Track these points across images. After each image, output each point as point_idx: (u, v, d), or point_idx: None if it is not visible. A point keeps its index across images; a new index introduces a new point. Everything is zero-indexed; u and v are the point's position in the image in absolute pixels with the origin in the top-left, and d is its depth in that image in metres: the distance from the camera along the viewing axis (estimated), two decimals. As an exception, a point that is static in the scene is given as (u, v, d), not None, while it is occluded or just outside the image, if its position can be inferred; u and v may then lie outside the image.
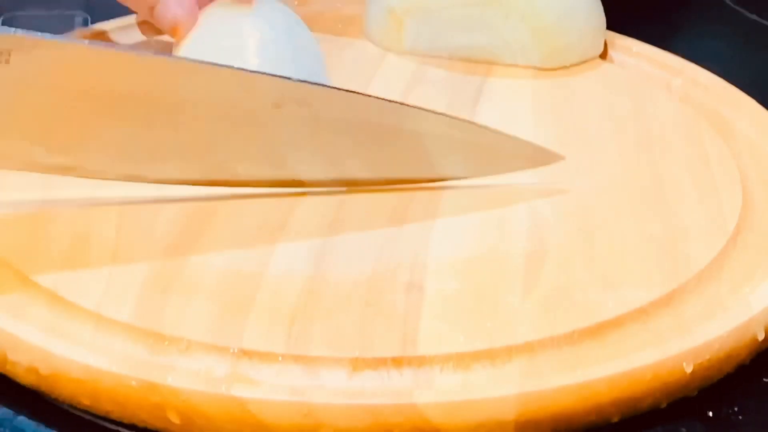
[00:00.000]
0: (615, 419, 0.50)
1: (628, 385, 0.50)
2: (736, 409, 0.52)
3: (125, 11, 0.72)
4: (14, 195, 0.59)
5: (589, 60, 0.75)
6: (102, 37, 0.76)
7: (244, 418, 0.48)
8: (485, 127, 0.61)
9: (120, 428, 0.50)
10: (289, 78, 0.56)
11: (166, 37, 0.68)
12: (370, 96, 0.59)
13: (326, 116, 0.58)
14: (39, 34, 0.53)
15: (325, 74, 0.66)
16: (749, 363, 0.54)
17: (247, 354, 0.50)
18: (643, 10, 0.85)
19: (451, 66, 0.74)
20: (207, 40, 0.64)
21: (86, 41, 0.57)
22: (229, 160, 0.58)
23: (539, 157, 0.61)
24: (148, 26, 0.69)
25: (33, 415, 0.51)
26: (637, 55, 0.76)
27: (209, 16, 0.65)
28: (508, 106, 0.69)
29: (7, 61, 0.53)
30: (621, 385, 0.50)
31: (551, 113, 0.69)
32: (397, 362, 0.50)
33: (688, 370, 0.51)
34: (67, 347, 0.50)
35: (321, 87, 0.58)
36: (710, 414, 0.51)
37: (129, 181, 0.57)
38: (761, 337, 0.53)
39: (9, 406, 0.51)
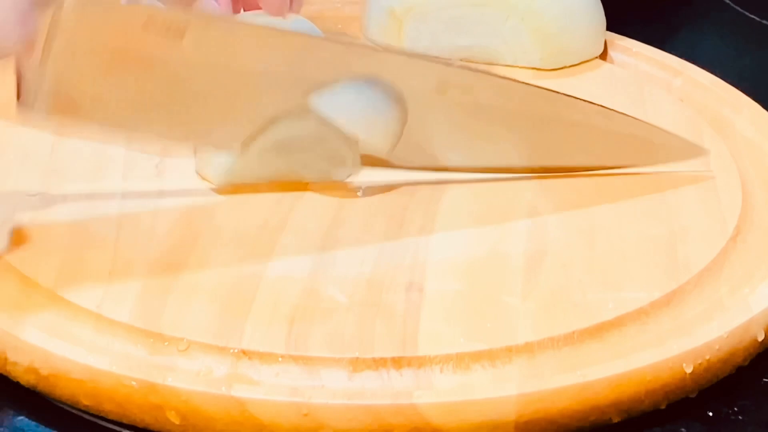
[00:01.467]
0: (615, 420, 0.50)
1: (628, 385, 0.50)
2: (736, 409, 0.52)
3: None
4: (15, 196, 0.59)
5: (589, 60, 0.75)
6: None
7: (244, 418, 0.48)
8: (637, 119, 0.62)
9: (120, 428, 0.50)
10: (450, 63, 0.57)
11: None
12: (529, 84, 0.60)
13: (486, 103, 0.59)
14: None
15: None
16: (749, 364, 0.54)
17: (246, 354, 0.50)
18: (643, 11, 0.85)
19: (451, 66, 0.74)
20: None
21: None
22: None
23: (686, 150, 0.63)
24: None
25: (33, 415, 0.51)
26: (637, 55, 0.76)
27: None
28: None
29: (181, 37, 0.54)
30: (621, 386, 0.50)
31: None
32: (397, 363, 0.50)
33: (688, 370, 0.51)
34: (67, 347, 0.50)
35: (484, 74, 0.59)
36: (710, 414, 0.52)
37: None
38: (761, 337, 0.53)
39: (9, 406, 0.51)
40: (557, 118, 0.61)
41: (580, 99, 0.61)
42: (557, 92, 0.61)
